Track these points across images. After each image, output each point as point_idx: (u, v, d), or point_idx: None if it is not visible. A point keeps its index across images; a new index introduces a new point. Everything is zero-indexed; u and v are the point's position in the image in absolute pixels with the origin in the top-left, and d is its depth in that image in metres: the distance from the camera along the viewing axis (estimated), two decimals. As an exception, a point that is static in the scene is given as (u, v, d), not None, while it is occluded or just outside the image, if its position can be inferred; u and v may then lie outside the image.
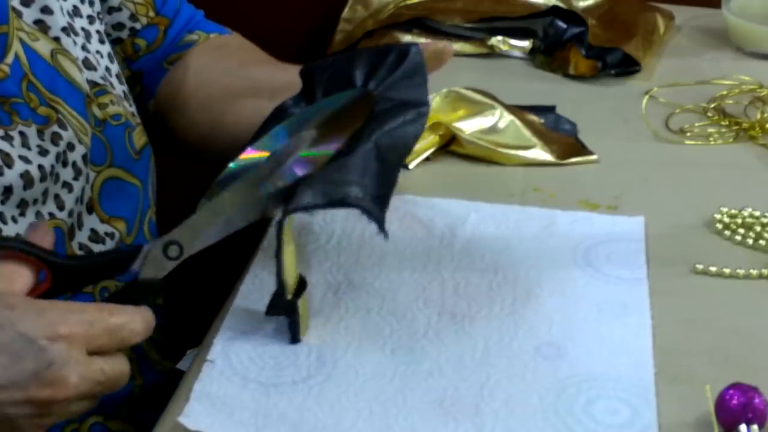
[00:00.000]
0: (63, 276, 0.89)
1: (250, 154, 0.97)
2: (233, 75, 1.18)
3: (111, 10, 1.18)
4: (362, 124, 0.95)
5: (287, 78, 1.08)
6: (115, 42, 1.19)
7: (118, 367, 0.87)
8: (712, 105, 1.36)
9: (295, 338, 0.97)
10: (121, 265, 0.91)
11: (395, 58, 0.97)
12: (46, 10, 1.07)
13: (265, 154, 0.96)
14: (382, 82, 0.97)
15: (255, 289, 1.03)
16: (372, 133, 0.94)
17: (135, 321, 0.87)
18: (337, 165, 0.93)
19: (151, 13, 1.20)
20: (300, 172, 0.93)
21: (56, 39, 1.07)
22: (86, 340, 0.84)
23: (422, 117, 0.95)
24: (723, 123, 1.33)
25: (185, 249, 0.91)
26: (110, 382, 0.86)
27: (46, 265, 0.88)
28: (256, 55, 1.24)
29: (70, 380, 0.83)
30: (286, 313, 0.97)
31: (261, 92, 1.13)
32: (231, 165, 0.97)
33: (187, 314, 1.29)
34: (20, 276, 0.87)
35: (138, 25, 1.19)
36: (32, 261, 0.88)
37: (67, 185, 1.04)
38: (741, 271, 1.07)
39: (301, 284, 0.97)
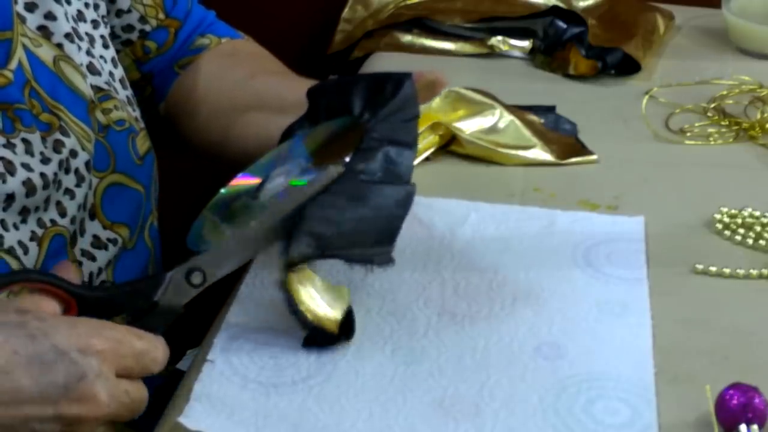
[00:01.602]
0: (88, 307, 0.88)
1: (242, 181, 0.97)
2: (242, 86, 1.18)
3: (120, 13, 1.18)
4: (349, 161, 0.94)
5: (295, 93, 1.08)
6: (125, 44, 1.19)
7: (141, 392, 0.86)
8: (712, 105, 1.37)
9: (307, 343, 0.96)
10: (145, 294, 0.90)
11: (391, 88, 0.97)
12: (49, 15, 1.06)
13: (257, 181, 0.96)
14: (375, 113, 0.97)
15: (255, 290, 1.03)
16: (353, 181, 0.94)
17: (158, 349, 0.86)
18: (322, 213, 0.93)
19: (161, 15, 1.20)
20: (282, 198, 0.94)
21: (59, 45, 1.06)
22: (116, 359, 0.83)
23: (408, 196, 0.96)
24: (723, 123, 1.33)
25: (208, 276, 0.91)
26: (133, 406, 0.85)
27: (72, 297, 0.88)
28: (267, 63, 1.23)
29: (101, 398, 0.81)
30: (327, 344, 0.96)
31: (268, 106, 1.13)
32: (222, 191, 0.97)
33: (187, 314, 1.29)
34: (48, 306, 0.86)
35: (148, 27, 1.19)
36: (59, 294, 0.87)
37: (69, 192, 1.04)
38: (741, 271, 1.07)
39: (348, 318, 0.96)
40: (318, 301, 0.94)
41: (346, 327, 0.96)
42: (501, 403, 0.90)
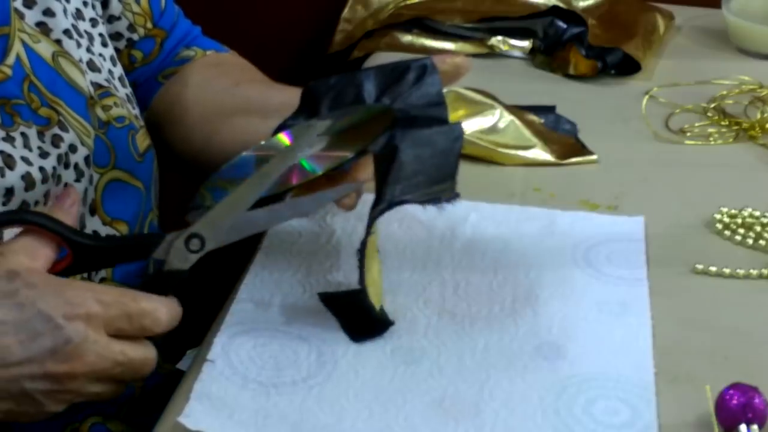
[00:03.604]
0: (84, 255, 0.91)
1: (281, 136, 0.97)
2: (228, 94, 1.18)
3: (111, 19, 1.18)
4: (384, 129, 0.96)
5: (282, 98, 1.09)
6: None
7: (142, 352, 0.88)
8: (712, 105, 1.37)
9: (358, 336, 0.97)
10: (143, 250, 0.92)
11: (414, 75, 0.98)
12: (48, 12, 1.07)
13: (289, 143, 0.96)
14: (398, 98, 0.98)
15: (255, 289, 1.03)
16: (404, 133, 0.96)
17: (158, 310, 0.89)
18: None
19: (149, 25, 1.20)
20: (295, 179, 0.95)
21: (58, 41, 1.07)
22: (104, 322, 0.86)
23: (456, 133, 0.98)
24: (723, 123, 1.33)
25: (207, 242, 0.91)
26: (133, 365, 0.88)
27: (67, 243, 0.89)
28: (252, 74, 1.23)
29: (87, 357, 0.85)
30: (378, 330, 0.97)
31: (254, 111, 1.13)
32: (244, 153, 0.98)
33: (187, 314, 1.29)
34: (42, 251, 0.89)
35: (135, 36, 1.19)
36: (54, 238, 0.89)
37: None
38: (741, 271, 1.07)
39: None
40: (372, 284, 0.96)
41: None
42: (501, 403, 0.90)
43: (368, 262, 0.95)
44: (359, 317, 0.97)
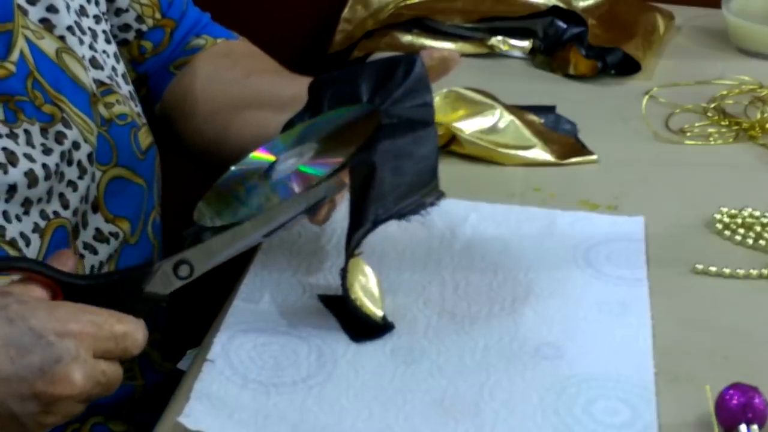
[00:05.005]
0: (76, 295, 0.89)
1: (260, 153, 0.98)
2: (239, 85, 1.18)
3: (119, 12, 1.18)
4: (367, 140, 0.96)
5: (293, 90, 1.09)
6: (122, 44, 1.19)
7: (115, 370, 0.87)
8: (712, 105, 1.37)
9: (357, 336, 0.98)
10: (133, 284, 0.91)
11: (402, 71, 0.99)
12: (51, 8, 1.07)
13: (273, 157, 0.96)
14: (387, 98, 0.98)
15: (255, 289, 1.03)
16: (383, 148, 0.96)
17: (138, 332, 0.88)
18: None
19: (158, 15, 1.20)
20: (296, 185, 0.95)
21: (61, 38, 1.07)
22: (94, 342, 0.85)
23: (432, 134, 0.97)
24: (723, 123, 1.33)
25: (196, 270, 0.91)
26: (108, 385, 0.87)
27: (59, 285, 0.89)
28: (263, 63, 1.23)
29: (76, 378, 0.83)
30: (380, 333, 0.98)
31: (266, 104, 1.13)
32: (233, 168, 0.98)
33: (187, 314, 1.29)
34: (37, 290, 0.88)
35: (144, 27, 1.19)
36: (47, 282, 0.88)
37: (71, 184, 1.04)
38: (741, 271, 1.07)
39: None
40: (366, 295, 0.97)
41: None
42: (501, 403, 0.90)
43: (357, 277, 0.95)
44: (359, 319, 0.97)
